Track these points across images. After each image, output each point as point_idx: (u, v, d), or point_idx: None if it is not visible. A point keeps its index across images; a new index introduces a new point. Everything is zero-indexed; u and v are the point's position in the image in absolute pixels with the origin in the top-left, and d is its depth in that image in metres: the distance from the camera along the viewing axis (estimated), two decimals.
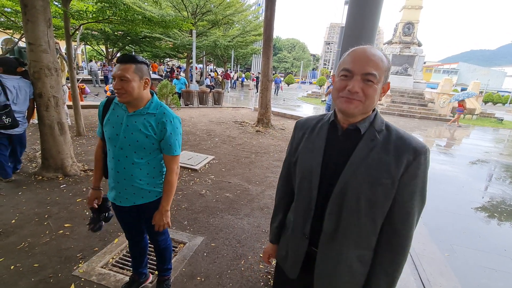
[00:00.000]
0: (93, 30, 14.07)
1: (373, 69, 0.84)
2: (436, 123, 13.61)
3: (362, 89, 0.85)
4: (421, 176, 0.87)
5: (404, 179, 0.86)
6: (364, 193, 0.88)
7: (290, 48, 63.06)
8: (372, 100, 0.87)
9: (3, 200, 2.93)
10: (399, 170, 0.85)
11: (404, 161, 0.85)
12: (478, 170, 6.40)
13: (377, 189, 0.87)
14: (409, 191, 0.87)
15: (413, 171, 0.86)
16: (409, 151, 0.86)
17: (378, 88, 0.87)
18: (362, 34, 1.75)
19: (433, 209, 3.94)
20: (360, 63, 0.85)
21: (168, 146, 1.48)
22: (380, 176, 0.86)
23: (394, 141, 0.89)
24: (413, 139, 0.89)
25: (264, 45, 7.54)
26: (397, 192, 0.87)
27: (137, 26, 6.00)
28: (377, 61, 0.85)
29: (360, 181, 0.88)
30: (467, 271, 2.66)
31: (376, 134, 0.90)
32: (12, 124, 3.14)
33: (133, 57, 1.38)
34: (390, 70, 0.91)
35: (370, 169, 0.87)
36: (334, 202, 0.92)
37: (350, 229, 0.92)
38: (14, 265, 2.03)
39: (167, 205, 1.55)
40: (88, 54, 24.92)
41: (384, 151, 0.88)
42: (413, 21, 17.40)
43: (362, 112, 0.89)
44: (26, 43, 3.20)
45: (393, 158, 0.86)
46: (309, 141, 1.02)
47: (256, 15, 23.83)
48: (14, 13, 6.89)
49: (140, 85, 1.40)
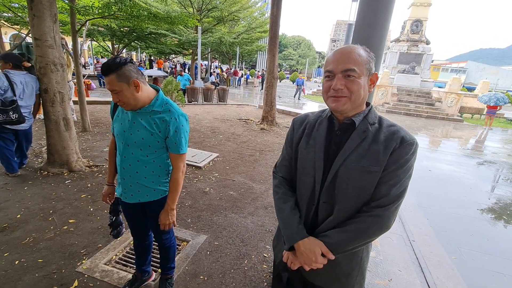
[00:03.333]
0: (99, 26, 14.09)
1: (351, 65, 0.89)
2: (443, 122, 13.40)
3: (346, 85, 0.90)
4: (403, 163, 0.90)
5: (387, 164, 0.91)
6: (353, 181, 0.93)
7: (295, 46, 62.63)
8: (358, 94, 0.91)
9: (9, 195, 2.95)
10: (386, 157, 0.91)
11: (391, 148, 0.91)
12: (486, 171, 6.28)
13: (365, 177, 0.92)
14: (389, 175, 0.91)
15: (395, 157, 0.90)
16: (397, 140, 0.91)
17: (362, 81, 0.91)
18: (373, 32, 1.69)
19: (440, 211, 3.88)
20: (338, 62, 0.91)
21: (173, 144, 1.45)
22: (369, 164, 0.91)
23: (385, 132, 0.94)
24: (403, 130, 0.94)
25: (269, 42, 7.47)
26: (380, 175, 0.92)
27: (143, 22, 5.98)
28: (354, 57, 0.90)
29: (349, 169, 0.93)
30: (475, 275, 2.60)
31: (369, 126, 0.95)
32: (18, 119, 3.16)
33: (110, 65, 1.26)
34: (372, 62, 0.94)
35: (360, 158, 0.92)
36: (326, 191, 0.98)
37: (340, 215, 0.97)
38: (19, 260, 2.04)
39: (172, 203, 1.53)
40: (94, 50, 25.05)
41: (374, 141, 0.93)
42: (422, 19, 17.09)
43: (352, 107, 0.93)
44: (32, 38, 3.20)
45: (382, 147, 0.91)
46: (309, 137, 1.05)
47: (262, 12, 23.66)
48: (21, 8, 6.92)
49: (131, 90, 1.32)
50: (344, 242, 0.94)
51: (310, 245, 0.97)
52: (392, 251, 2.75)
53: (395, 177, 0.91)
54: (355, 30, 1.87)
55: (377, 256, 2.46)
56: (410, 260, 2.64)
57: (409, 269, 2.49)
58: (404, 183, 0.92)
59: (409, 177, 0.93)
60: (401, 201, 0.93)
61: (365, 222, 0.93)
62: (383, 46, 1.83)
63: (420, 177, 5.26)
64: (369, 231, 0.93)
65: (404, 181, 0.92)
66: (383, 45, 1.80)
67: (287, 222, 1.05)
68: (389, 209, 0.91)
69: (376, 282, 2.15)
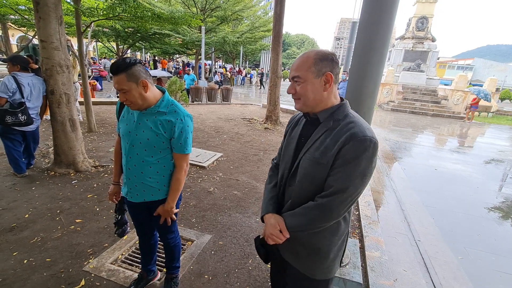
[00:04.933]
0: (104, 27, 14.22)
1: (294, 72, 1.03)
2: (450, 120, 13.23)
3: (295, 89, 1.04)
4: (350, 159, 0.95)
5: (335, 159, 0.98)
6: (307, 170, 1.04)
7: (299, 44, 62.42)
8: (306, 96, 1.02)
9: (17, 195, 3.00)
10: (334, 151, 0.98)
11: (340, 144, 0.96)
12: (493, 170, 6.19)
13: (316, 168, 1.02)
14: (336, 169, 0.98)
15: (343, 152, 0.96)
16: (347, 136, 0.96)
17: (309, 84, 1.01)
18: (378, 30, 1.68)
19: (447, 210, 3.84)
20: (291, 70, 1.06)
21: (178, 144, 1.47)
22: (320, 156, 1.01)
23: (342, 128, 1.00)
24: (359, 127, 0.97)
25: (273, 41, 7.45)
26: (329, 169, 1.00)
27: (147, 22, 6.03)
28: (300, 64, 1.02)
29: (306, 159, 1.05)
30: (482, 276, 2.57)
31: (331, 122, 1.03)
32: (27, 121, 3.21)
33: (120, 65, 1.29)
34: (325, 63, 1.00)
35: (315, 150, 1.03)
36: (291, 177, 1.13)
37: (295, 199, 1.10)
38: (27, 260, 2.08)
39: (172, 201, 1.55)
40: (99, 51, 25.27)
41: (332, 136, 1.00)
42: (427, 15, 16.86)
43: (306, 106, 1.05)
44: (38, 40, 3.24)
45: (333, 141, 0.99)
46: (292, 131, 1.21)
47: (265, 11, 23.59)
48: (27, 11, 7.03)
49: (140, 90, 1.35)
50: (295, 223, 1.06)
51: (272, 219, 1.13)
52: (397, 251, 2.73)
53: (340, 172, 0.97)
54: (359, 28, 1.85)
55: (382, 256, 2.45)
56: (416, 260, 2.62)
57: (414, 269, 2.47)
58: (350, 178, 0.96)
59: (360, 173, 0.96)
60: (346, 195, 0.97)
61: (310, 208, 1.03)
62: (388, 44, 1.81)
63: (425, 176, 5.21)
64: (313, 216, 1.02)
65: (352, 177, 0.95)
66: (388, 43, 1.79)
67: (264, 198, 1.26)
68: (332, 200, 0.98)
69: (382, 282, 2.14)
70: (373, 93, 1.90)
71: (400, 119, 12.40)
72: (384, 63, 1.87)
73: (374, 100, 1.97)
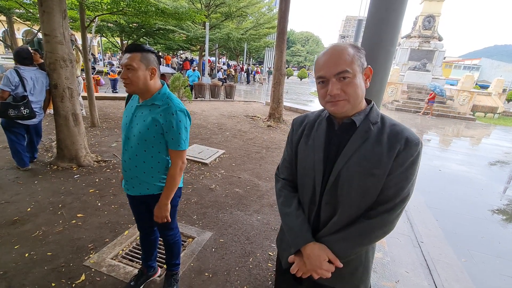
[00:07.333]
0: (109, 22, 14.23)
1: (343, 66, 0.83)
2: (455, 121, 13.10)
3: (342, 88, 0.85)
4: (409, 166, 0.86)
5: (393, 167, 0.86)
6: (356, 184, 0.89)
7: (303, 42, 62.03)
8: (356, 95, 0.86)
9: (20, 189, 3.01)
10: (390, 160, 0.86)
11: (396, 151, 0.86)
12: (498, 171, 6.11)
13: (368, 179, 0.88)
14: (396, 179, 0.87)
15: (401, 160, 0.86)
16: (401, 141, 0.86)
17: (357, 80, 0.86)
18: (385, 29, 1.63)
19: (450, 212, 3.79)
20: (329, 65, 0.85)
21: (170, 139, 1.42)
22: (372, 167, 0.87)
23: (388, 132, 0.89)
24: (407, 130, 0.89)
25: (277, 38, 7.39)
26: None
27: (151, 18, 6.00)
28: (343, 57, 0.84)
29: (351, 171, 0.89)
30: (485, 279, 2.54)
31: (371, 126, 0.90)
32: (30, 114, 3.22)
33: (140, 45, 1.35)
34: (363, 56, 0.88)
35: (362, 160, 0.88)
36: (328, 193, 0.94)
37: (343, 217, 0.94)
38: (29, 253, 2.08)
39: (166, 199, 1.51)
40: (103, 46, 25.31)
41: (377, 142, 0.88)
42: (434, 14, 16.63)
43: (352, 108, 0.89)
44: (42, 34, 3.24)
45: (385, 149, 0.87)
46: (308, 138, 1.02)
47: (270, 7, 23.42)
48: (32, 4, 7.03)
49: (146, 74, 1.36)
50: (349, 247, 0.92)
51: (316, 250, 0.94)
52: (399, 252, 2.70)
53: (402, 180, 0.87)
54: (366, 26, 1.81)
55: (384, 257, 2.42)
56: (418, 262, 2.59)
57: (417, 271, 2.44)
58: (411, 186, 0.89)
59: (415, 178, 0.90)
60: (406, 203, 0.90)
61: (370, 226, 0.90)
62: (395, 43, 1.77)
63: (429, 176, 5.16)
64: (373, 235, 0.90)
65: (411, 184, 0.89)
66: (395, 42, 1.74)
67: (291, 225, 1.02)
68: (395, 212, 0.89)
69: (383, 283, 2.12)
70: (379, 92, 1.86)
71: (404, 118, 12.29)
72: (391, 61, 1.83)
73: (380, 99, 1.93)
